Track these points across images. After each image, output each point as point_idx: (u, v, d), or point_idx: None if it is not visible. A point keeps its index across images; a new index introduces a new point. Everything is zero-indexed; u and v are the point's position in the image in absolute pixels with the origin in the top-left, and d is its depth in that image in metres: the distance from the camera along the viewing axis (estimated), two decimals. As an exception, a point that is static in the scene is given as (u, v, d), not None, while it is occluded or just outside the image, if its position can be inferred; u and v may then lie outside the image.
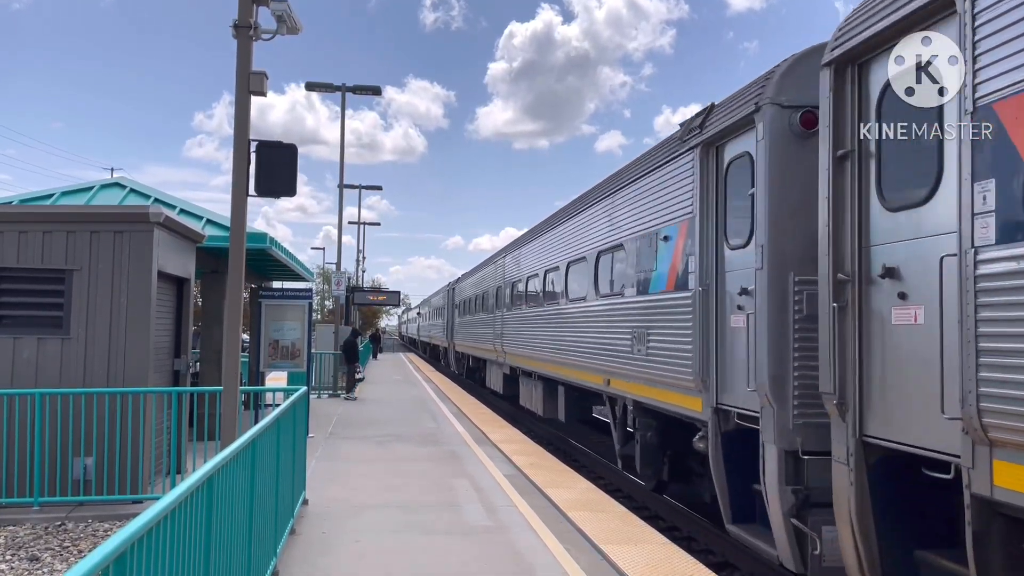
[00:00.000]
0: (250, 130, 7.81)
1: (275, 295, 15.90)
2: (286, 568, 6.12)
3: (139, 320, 8.59)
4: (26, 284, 8.61)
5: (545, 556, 6.59)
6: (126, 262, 8.61)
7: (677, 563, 6.40)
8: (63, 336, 8.50)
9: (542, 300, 15.38)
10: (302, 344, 14.99)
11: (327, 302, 55.06)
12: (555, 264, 14.26)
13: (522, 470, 10.44)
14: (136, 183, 13.18)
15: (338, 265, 29.85)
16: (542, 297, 15.41)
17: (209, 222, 12.16)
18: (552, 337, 14.09)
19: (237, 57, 7.71)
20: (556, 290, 14.22)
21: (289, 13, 7.67)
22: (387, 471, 10.42)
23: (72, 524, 7.79)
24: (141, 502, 8.33)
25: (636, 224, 9.78)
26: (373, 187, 40.44)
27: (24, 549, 7.03)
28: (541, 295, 15.52)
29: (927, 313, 4.66)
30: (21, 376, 8.42)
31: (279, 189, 7.73)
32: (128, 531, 2.46)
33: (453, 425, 15.47)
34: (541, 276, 15.54)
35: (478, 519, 7.88)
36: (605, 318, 10.94)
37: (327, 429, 14.56)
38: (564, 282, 13.54)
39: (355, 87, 25.66)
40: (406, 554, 6.64)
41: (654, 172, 9.22)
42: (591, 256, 11.81)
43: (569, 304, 13.12)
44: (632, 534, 7.27)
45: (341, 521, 7.67)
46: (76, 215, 8.93)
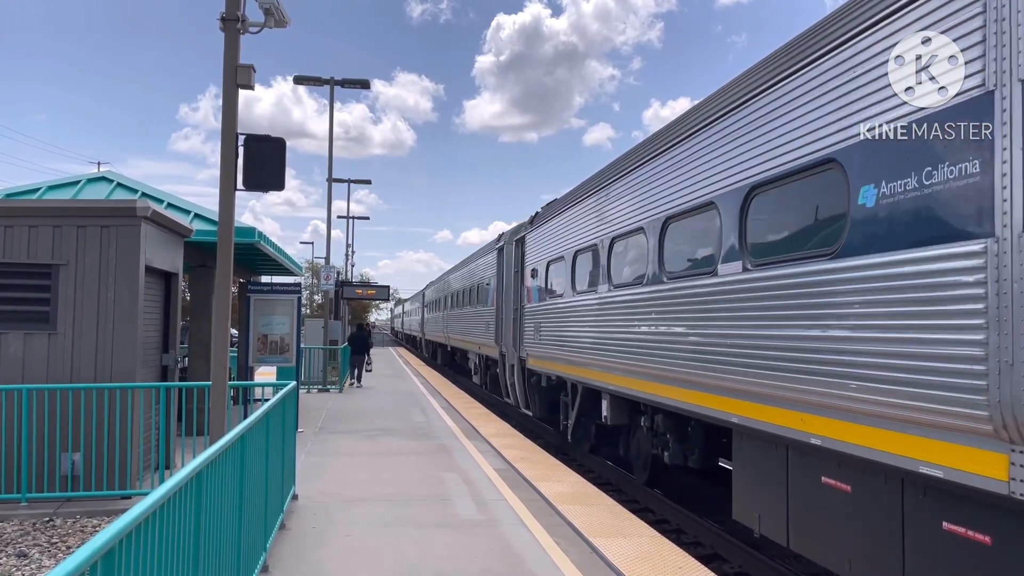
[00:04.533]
0: (238, 124, 7.77)
1: (264, 289, 15.81)
2: (276, 563, 6.12)
3: (127, 315, 8.55)
4: (12, 279, 8.54)
5: (535, 549, 6.61)
6: (113, 257, 8.56)
7: (666, 555, 6.44)
8: (50, 331, 8.45)
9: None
10: (291, 339, 14.93)
11: (316, 296, 54.89)
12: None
13: (512, 464, 10.46)
14: (123, 177, 13.08)
15: (327, 259, 29.76)
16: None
17: (197, 216, 12.09)
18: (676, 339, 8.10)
19: (224, 50, 7.67)
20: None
21: (277, 6, 7.64)
22: (377, 465, 10.42)
23: (60, 520, 7.75)
24: (130, 498, 8.30)
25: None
26: (362, 181, 40.14)
27: (12, 545, 7.00)
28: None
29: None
30: (8, 372, 8.36)
31: (267, 183, 7.71)
32: (116, 527, 2.45)
33: (443, 419, 15.48)
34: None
35: (469, 513, 7.89)
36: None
37: (317, 424, 14.54)
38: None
39: (343, 81, 25.54)
40: (396, 548, 6.64)
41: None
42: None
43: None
44: (622, 527, 7.30)
45: (331, 515, 7.67)
46: (63, 209, 8.86)
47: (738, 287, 6.76)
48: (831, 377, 5.36)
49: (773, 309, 6.18)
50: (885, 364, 4.84)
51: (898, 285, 4.78)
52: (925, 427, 4.61)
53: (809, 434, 5.72)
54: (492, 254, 19.98)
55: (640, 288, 9.12)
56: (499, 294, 18.75)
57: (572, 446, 13.59)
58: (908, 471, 4.78)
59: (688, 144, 8.00)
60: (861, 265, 5.10)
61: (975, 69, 4.29)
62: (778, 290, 6.12)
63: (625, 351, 9.47)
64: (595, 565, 6.21)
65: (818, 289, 5.57)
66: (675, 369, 7.99)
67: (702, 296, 7.45)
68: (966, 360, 4.24)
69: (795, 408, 5.90)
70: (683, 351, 7.82)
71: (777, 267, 6.20)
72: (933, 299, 4.51)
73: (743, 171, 6.76)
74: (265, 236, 13.52)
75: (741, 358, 6.60)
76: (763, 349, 6.27)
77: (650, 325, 8.83)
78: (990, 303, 4.11)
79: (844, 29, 5.47)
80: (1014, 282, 3.99)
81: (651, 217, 8.87)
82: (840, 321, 5.33)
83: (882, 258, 4.91)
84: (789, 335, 5.92)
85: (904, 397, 4.68)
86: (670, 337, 8.25)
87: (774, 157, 6.26)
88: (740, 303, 6.70)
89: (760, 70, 6.80)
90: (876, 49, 5.06)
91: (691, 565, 6.21)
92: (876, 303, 4.97)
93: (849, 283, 5.22)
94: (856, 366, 5.10)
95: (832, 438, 5.45)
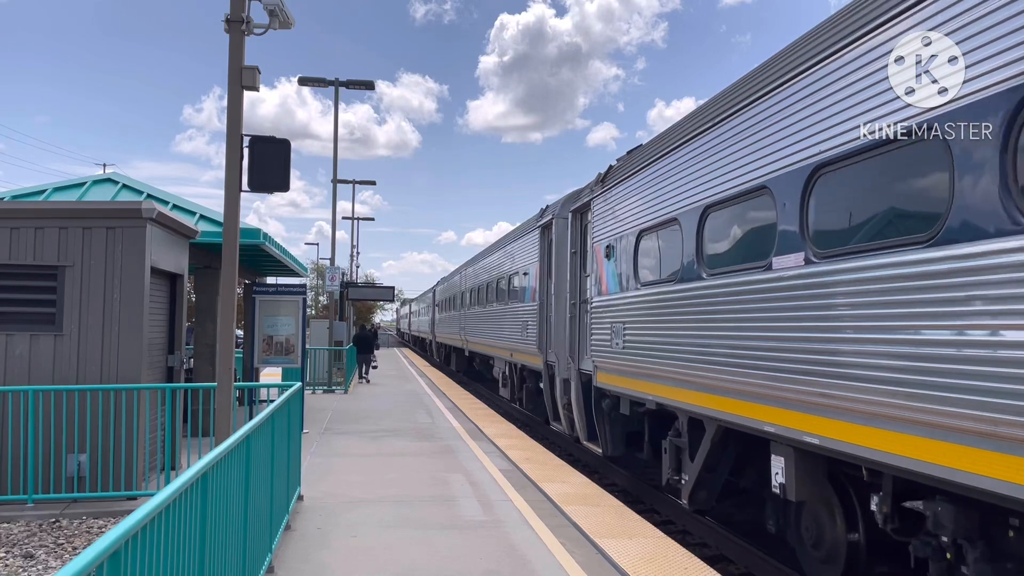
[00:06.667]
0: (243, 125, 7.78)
1: (269, 291, 15.84)
2: (282, 563, 6.12)
3: (132, 316, 8.57)
4: (18, 280, 8.57)
5: (541, 550, 6.60)
6: (119, 258, 8.58)
7: (672, 556, 6.42)
8: (56, 333, 8.47)
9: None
10: (296, 339, 14.94)
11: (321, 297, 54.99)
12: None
13: (517, 464, 10.45)
14: (128, 179, 13.12)
15: (332, 260, 29.83)
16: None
17: (202, 218, 12.11)
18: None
19: (229, 52, 7.67)
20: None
21: (281, 7, 7.64)
22: (383, 466, 10.42)
23: (66, 521, 7.76)
24: (135, 499, 8.32)
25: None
26: (367, 182, 40.12)
27: (18, 546, 7.01)
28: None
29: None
30: (14, 373, 8.39)
31: (272, 184, 7.70)
32: (122, 528, 2.45)
33: (448, 420, 15.48)
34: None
35: (474, 513, 7.88)
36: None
37: (322, 425, 14.56)
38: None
39: (347, 82, 25.58)
40: (402, 549, 6.64)
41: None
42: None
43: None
44: (627, 528, 7.29)
45: (336, 516, 7.67)
46: (68, 211, 8.88)
47: None
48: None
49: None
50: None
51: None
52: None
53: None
54: (532, 235, 15.82)
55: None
56: (543, 286, 14.70)
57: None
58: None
59: None
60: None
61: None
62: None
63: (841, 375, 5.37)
64: (601, 566, 6.20)
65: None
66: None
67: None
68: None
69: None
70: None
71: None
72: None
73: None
74: (270, 237, 13.55)
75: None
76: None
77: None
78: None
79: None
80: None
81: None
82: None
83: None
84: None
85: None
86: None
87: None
88: None
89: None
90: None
91: (697, 566, 6.19)
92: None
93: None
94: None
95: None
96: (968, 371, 4.30)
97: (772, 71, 6.67)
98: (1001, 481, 4.15)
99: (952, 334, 4.44)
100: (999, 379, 4.11)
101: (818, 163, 5.74)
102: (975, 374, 4.26)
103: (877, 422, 5.06)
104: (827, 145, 5.63)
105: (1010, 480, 4.09)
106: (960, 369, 4.35)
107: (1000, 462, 4.16)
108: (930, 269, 4.60)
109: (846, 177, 5.51)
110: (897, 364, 4.84)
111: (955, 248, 4.42)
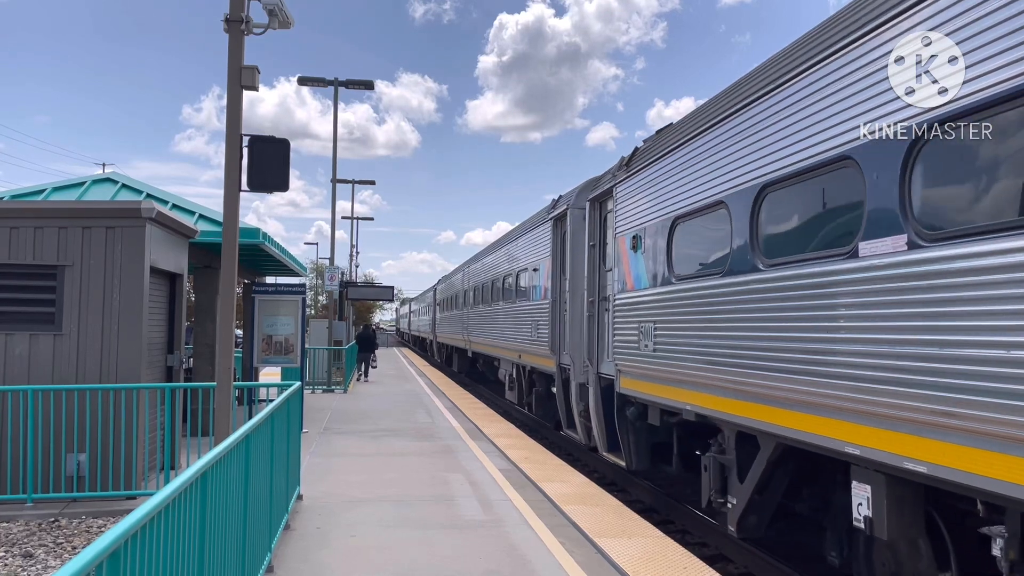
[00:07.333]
0: (242, 125, 7.78)
1: (268, 290, 15.84)
2: (281, 563, 6.12)
3: (132, 316, 8.57)
4: (18, 280, 8.57)
5: (540, 550, 6.60)
6: (118, 258, 8.58)
7: (671, 556, 6.42)
8: (55, 332, 8.47)
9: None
10: (296, 339, 14.94)
11: (321, 297, 54.98)
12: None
13: (517, 464, 10.45)
14: (128, 178, 13.12)
15: (331, 260, 29.83)
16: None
17: (202, 217, 12.11)
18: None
19: (229, 52, 7.67)
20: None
21: (280, 7, 7.64)
22: (382, 466, 10.42)
23: (66, 520, 7.76)
24: (135, 498, 8.32)
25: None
26: (366, 182, 40.14)
27: (18, 546, 7.01)
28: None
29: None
30: (13, 372, 8.39)
31: (272, 184, 7.71)
32: (122, 527, 2.46)
33: (447, 419, 15.48)
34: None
35: (473, 513, 7.88)
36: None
37: (321, 424, 14.56)
38: None
39: (347, 82, 25.58)
40: (401, 549, 6.64)
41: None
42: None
43: None
44: (627, 527, 7.29)
45: (336, 516, 7.67)
46: (68, 211, 8.88)
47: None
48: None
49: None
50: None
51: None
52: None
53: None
54: (543, 228, 14.65)
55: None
56: (556, 282, 13.58)
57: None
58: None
59: None
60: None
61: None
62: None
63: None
64: (600, 566, 6.20)
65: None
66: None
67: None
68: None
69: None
70: None
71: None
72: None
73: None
74: (269, 237, 13.55)
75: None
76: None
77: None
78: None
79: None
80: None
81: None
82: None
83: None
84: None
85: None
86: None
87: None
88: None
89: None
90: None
91: (696, 566, 6.20)
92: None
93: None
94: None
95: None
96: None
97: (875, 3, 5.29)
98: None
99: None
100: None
101: (935, 118, 4.45)
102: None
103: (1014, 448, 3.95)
104: (940, 99, 4.43)
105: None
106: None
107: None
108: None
109: (963, 143, 4.36)
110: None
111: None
